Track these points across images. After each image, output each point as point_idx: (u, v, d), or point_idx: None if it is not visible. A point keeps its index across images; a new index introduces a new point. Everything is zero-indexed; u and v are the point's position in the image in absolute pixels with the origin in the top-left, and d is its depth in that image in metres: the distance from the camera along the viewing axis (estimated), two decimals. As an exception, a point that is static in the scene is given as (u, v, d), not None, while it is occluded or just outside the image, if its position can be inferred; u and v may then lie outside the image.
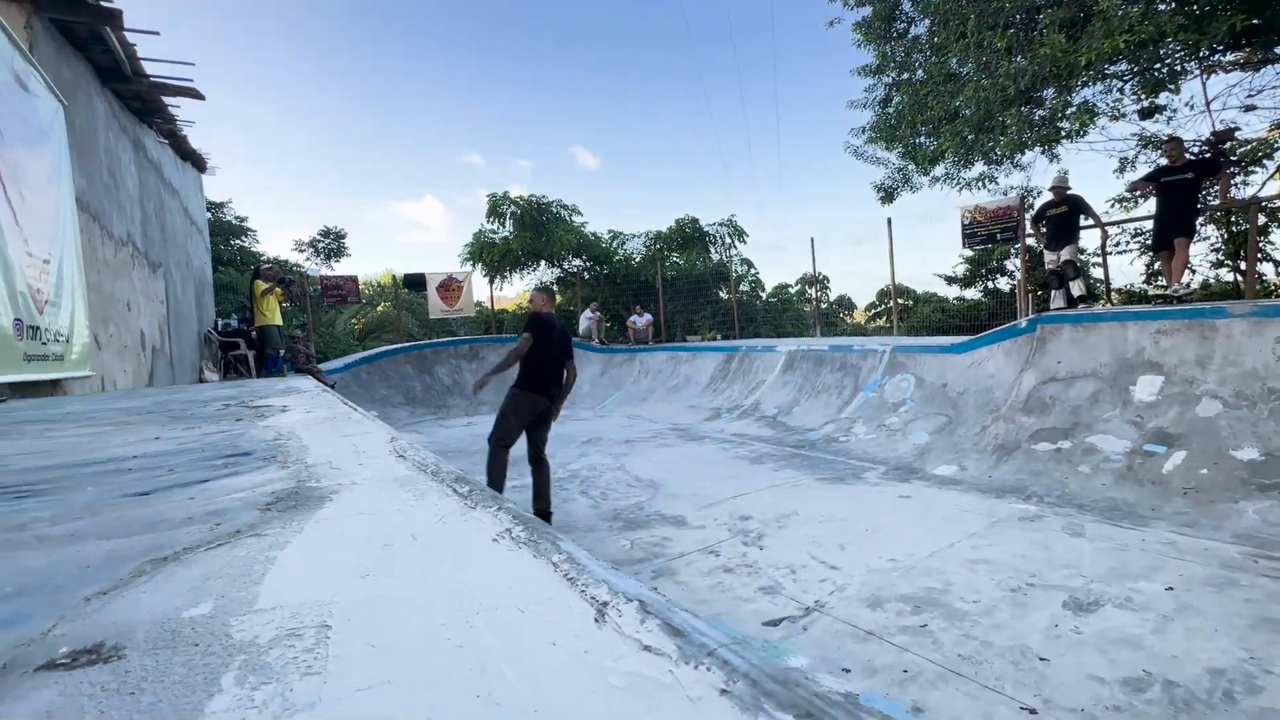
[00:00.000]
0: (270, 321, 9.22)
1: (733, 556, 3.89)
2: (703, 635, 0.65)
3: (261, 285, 8.98)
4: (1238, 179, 9.29)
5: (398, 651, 0.67)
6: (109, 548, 1.08)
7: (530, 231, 15.41)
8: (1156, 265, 11.87)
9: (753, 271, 17.26)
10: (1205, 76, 8.36)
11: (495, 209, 15.66)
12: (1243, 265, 11.08)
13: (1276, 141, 10.12)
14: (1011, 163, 8.66)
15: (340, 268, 21.61)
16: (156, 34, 4.23)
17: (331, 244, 21.38)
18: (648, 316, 14.08)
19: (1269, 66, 8.57)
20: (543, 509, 4.55)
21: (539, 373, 4.57)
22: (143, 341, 5.42)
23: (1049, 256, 7.12)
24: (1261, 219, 11.65)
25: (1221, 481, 4.35)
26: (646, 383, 12.42)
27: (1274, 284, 12.38)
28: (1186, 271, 10.25)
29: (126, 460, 1.79)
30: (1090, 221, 7.01)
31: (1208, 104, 8.89)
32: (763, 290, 18.15)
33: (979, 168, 7.95)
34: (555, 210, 15.77)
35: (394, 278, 15.36)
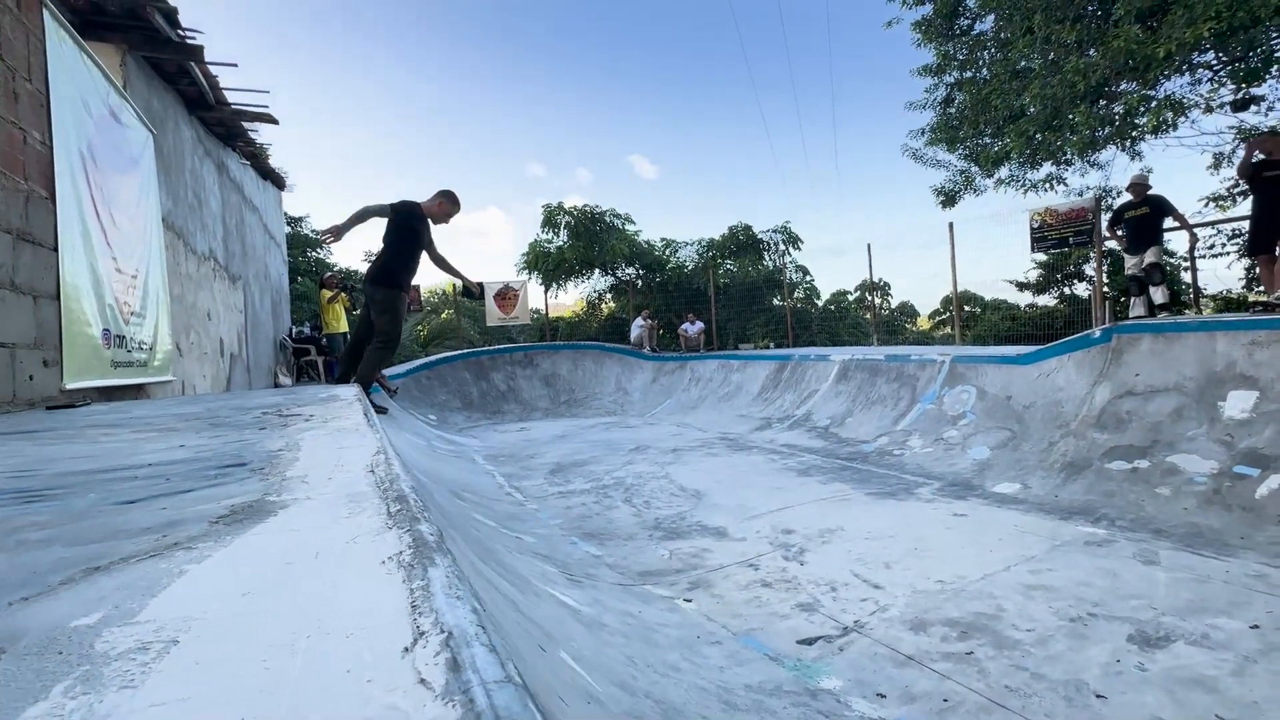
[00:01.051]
0: (337, 329, 9.78)
1: (772, 571, 3.81)
2: (471, 673, 0.63)
3: (326, 293, 9.55)
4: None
5: (216, 669, 0.68)
6: (65, 555, 1.11)
7: (584, 241, 15.68)
8: (1256, 270, 10.86)
9: (808, 279, 16.91)
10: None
11: (550, 219, 16.04)
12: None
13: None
14: (1086, 161, 8.14)
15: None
16: (235, 65, 4.61)
17: (398, 255, 22.42)
18: (700, 324, 14.02)
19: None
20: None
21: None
22: (221, 348, 5.86)
23: (1129, 261, 6.65)
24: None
25: (1326, 509, 3.93)
26: (697, 391, 12.37)
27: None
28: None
29: (141, 468, 1.90)
30: (1175, 224, 6.51)
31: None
32: (818, 298, 17.76)
33: (1046, 168, 7.50)
34: (608, 219, 15.99)
35: (454, 287, 15.95)
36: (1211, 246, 11.60)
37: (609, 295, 18.19)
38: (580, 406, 13.23)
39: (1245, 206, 9.26)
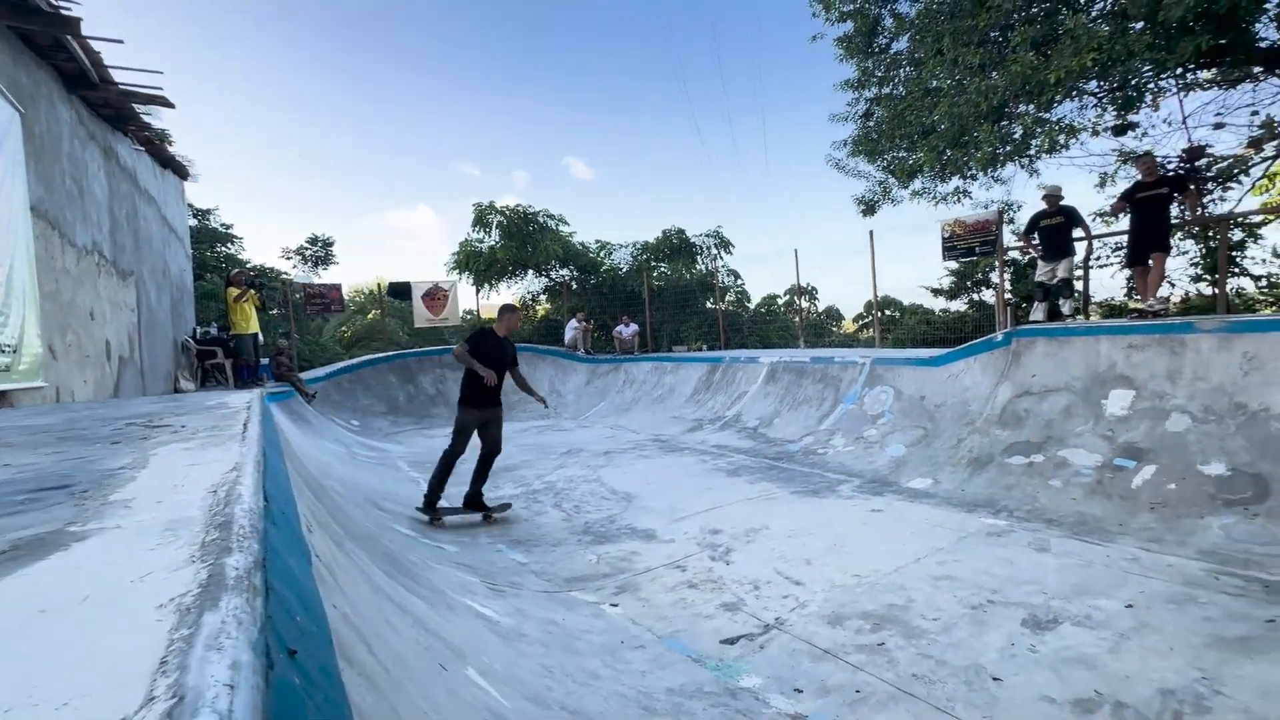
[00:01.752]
0: (246, 330, 9.12)
1: (699, 572, 3.85)
2: None
3: (233, 291, 8.89)
4: (1214, 195, 9.41)
5: None
6: None
7: (516, 241, 15.40)
8: (1134, 280, 12.00)
9: (739, 282, 17.31)
10: (1182, 94, 8.50)
11: (481, 218, 15.66)
12: (1218, 279, 11.22)
13: (1251, 158, 10.28)
14: (990, 176, 8.73)
15: (328, 276, 21.49)
16: (120, 42, 4.20)
17: (319, 251, 21.27)
18: (634, 326, 14.06)
19: (1242, 84, 8.72)
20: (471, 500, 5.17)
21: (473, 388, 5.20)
22: (108, 351, 5.33)
23: (1043, 267, 7.09)
24: (1239, 234, 11.82)
25: (1189, 497, 4.36)
26: (631, 393, 12.39)
27: (1253, 298, 12.54)
28: (1164, 286, 10.34)
29: None
30: (1081, 233, 7.00)
31: (1184, 121, 9.02)
32: (749, 301, 18.20)
33: (955, 182, 8.01)
34: (542, 220, 15.78)
35: (380, 286, 15.30)
36: (1098, 258, 12.65)
37: (543, 297, 17.95)
38: (512, 409, 12.94)
39: (1126, 222, 10.16)
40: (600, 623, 3.11)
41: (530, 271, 16.72)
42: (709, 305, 16.06)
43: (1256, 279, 13.29)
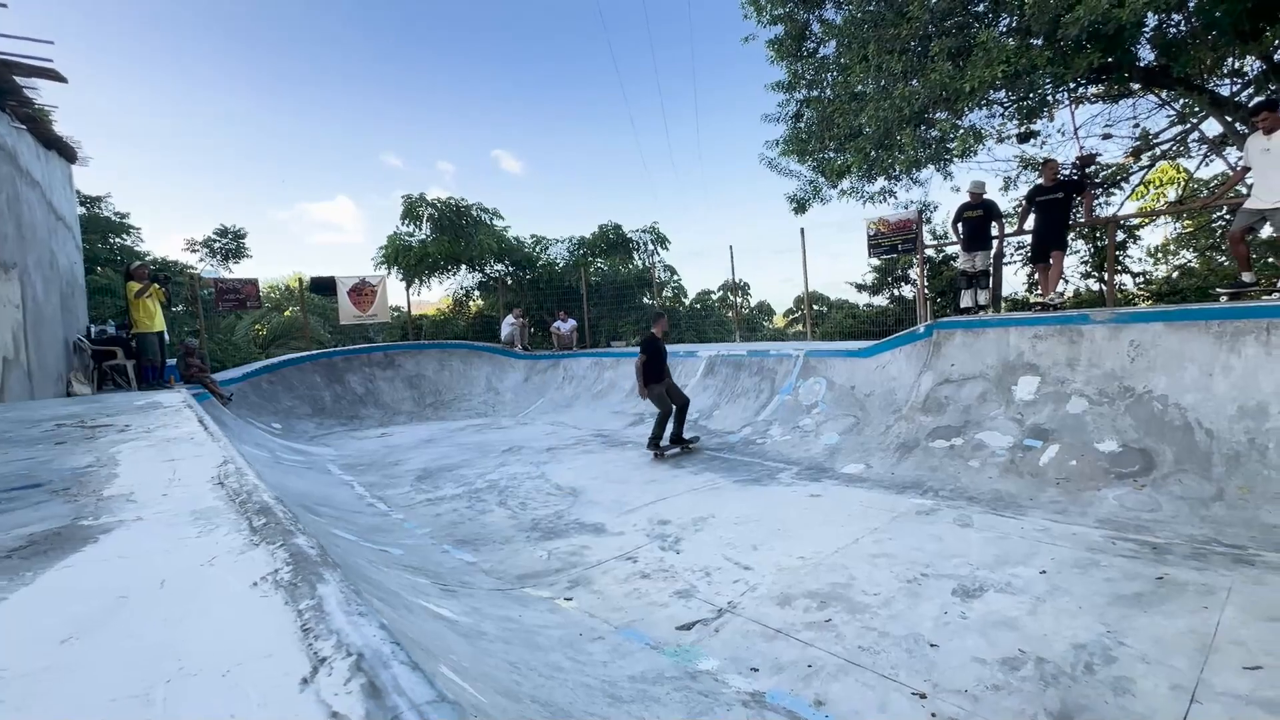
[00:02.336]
0: (150, 328, 8.41)
1: (650, 562, 3.90)
2: (396, 697, 0.61)
3: (134, 286, 8.17)
4: (1101, 199, 10.38)
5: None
6: None
7: (449, 235, 14.93)
8: (1036, 275, 13.07)
9: (675, 278, 17.53)
10: (1073, 106, 9.33)
11: (411, 211, 15.07)
12: (1106, 276, 12.40)
13: (1131, 167, 11.42)
14: (910, 178, 9.25)
15: (240, 270, 20.09)
16: (3, 5, 3.73)
17: (230, 244, 19.83)
18: (572, 322, 13.97)
19: (1124, 100, 9.67)
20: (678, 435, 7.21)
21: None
22: (-10, 351, 4.79)
23: (964, 257, 7.59)
24: (1121, 235, 13.11)
25: (1087, 472, 4.82)
26: (571, 389, 12.31)
27: (1133, 294, 13.96)
28: (1061, 281, 11.25)
29: None
30: (997, 230, 7.53)
31: (1075, 131, 9.92)
32: (685, 296, 18.47)
33: (880, 182, 8.45)
34: (475, 213, 15.37)
35: (301, 281, 14.45)
36: (1006, 256, 13.66)
37: (476, 293, 17.51)
38: (448, 408, 12.60)
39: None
40: (557, 617, 3.10)
41: (463, 266, 16.27)
42: (646, 300, 16.19)
43: (1134, 275, 14.83)
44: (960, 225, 7.41)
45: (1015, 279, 15.44)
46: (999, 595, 3.11)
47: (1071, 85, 7.57)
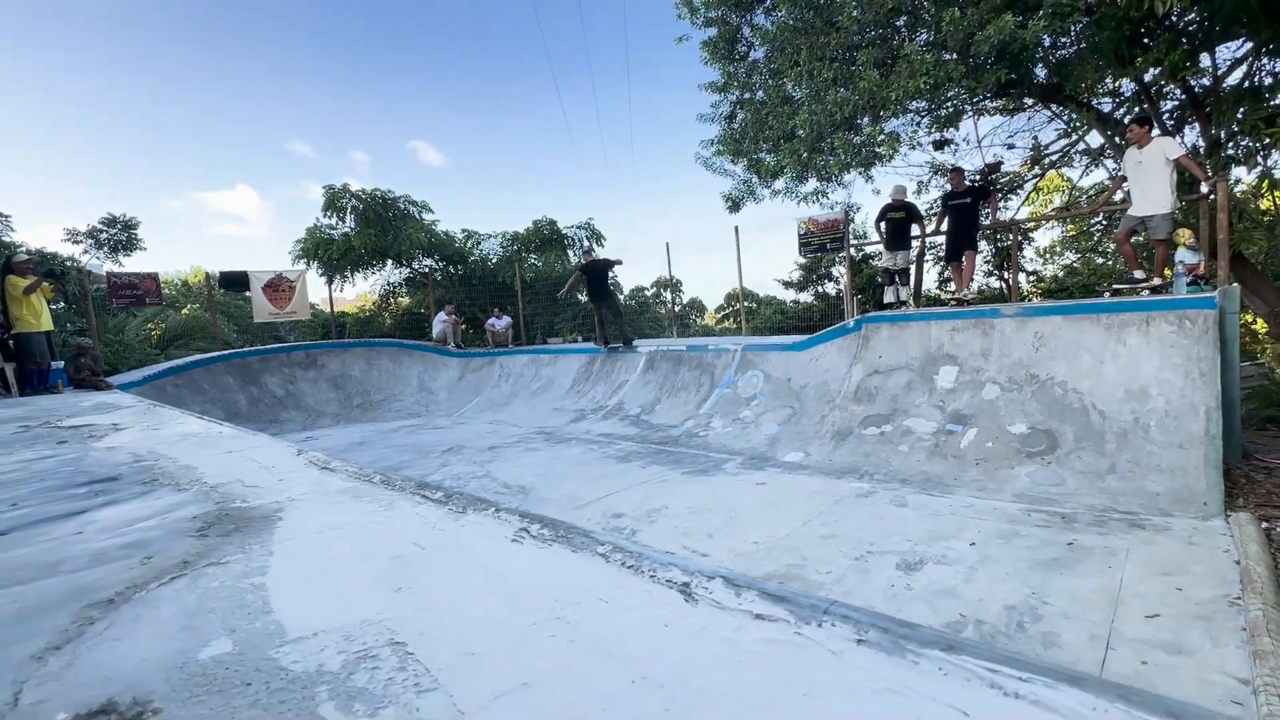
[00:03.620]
0: (36, 328, 7.57)
1: (609, 555, 3.94)
2: (808, 599, 0.67)
3: (20, 282, 7.33)
4: (1003, 204, 11.34)
5: (505, 655, 0.61)
6: (12, 598, 0.91)
7: (375, 228, 14.27)
8: (947, 273, 14.08)
9: (612, 274, 17.54)
10: (976, 118, 10.14)
11: (333, 202, 14.28)
12: (1007, 275, 13.54)
13: (1025, 175, 12.52)
14: (837, 181, 9.73)
15: (132, 263, 18.31)
16: None
17: (119, 235, 17.99)
18: (507, 319, 13.72)
19: (1020, 114, 10.60)
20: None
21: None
22: None
23: (886, 256, 8.07)
24: (1018, 238, 14.36)
25: (1002, 452, 5.28)
26: (508, 387, 12.11)
27: (1025, 290, 15.34)
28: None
29: None
30: (918, 231, 8.06)
31: (979, 141, 10.74)
32: (621, 292, 18.54)
33: (813, 183, 8.86)
34: (403, 206, 14.76)
35: (207, 276, 13.38)
36: (924, 254, 14.58)
37: (404, 289, 16.83)
38: (378, 409, 12.07)
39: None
40: (524, 613, 3.08)
41: (389, 261, 15.59)
42: (581, 297, 16.14)
43: (1028, 274, 16.31)
44: (883, 225, 7.89)
45: (928, 277, 16.56)
46: (937, 567, 3.38)
47: (979, 98, 8.21)
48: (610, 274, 11.31)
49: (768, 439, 6.88)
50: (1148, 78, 8.19)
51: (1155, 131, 6.03)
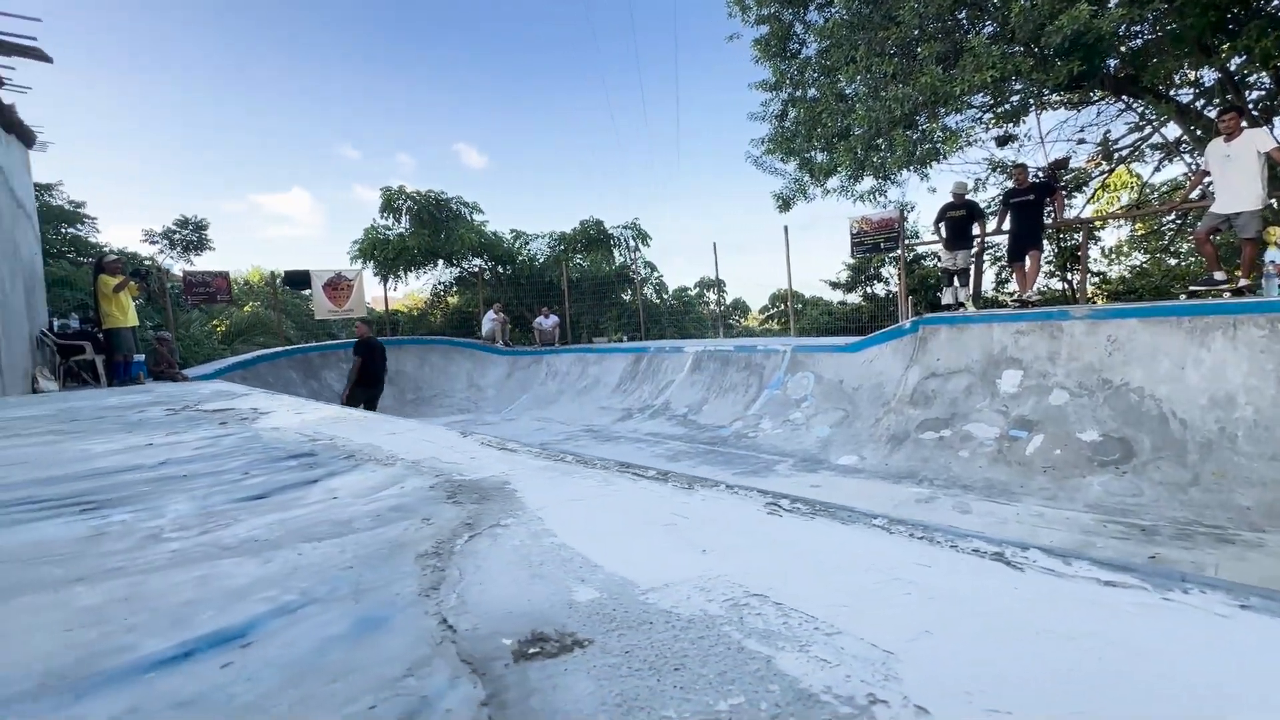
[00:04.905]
0: (123, 323, 8.08)
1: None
2: (1147, 568, 0.68)
3: (110, 281, 7.84)
4: (1067, 202, 10.85)
5: (873, 607, 0.71)
6: (339, 547, 0.97)
7: (428, 229, 14.68)
8: (1004, 274, 13.56)
9: (656, 274, 17.59)
10: (1040, 112, 9.70)
11: (390, 203, 14.76)
12: (1070, 276, 12.95)
13: (1092, 172, 11.94)
14: (893, 180, 9.50)
15: (202, 263, 19.40)
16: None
17: (191, 236, 19.12)
18: (554, 318, 13.91)
19: (1090, 107, 10.11)
20: None
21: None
22: (-36, 345, 4.55)
23: (945, 256, 7.82)
24: (1079, 236, 13.70)
25: (1072, 460, 5.06)
26: (555, 385, 12.27)
27: (1091, 292, 14.60)
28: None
29: (155, 466, 1.57)
30: (979, 230, 7.77)
31: (1042, 137, 10.30)
32: (665, 293, 18.57)
33: (869, 181, 8.66)
34: (455, 207, 15.14)
35: (274, 275, 14.03)
36: (983, 254, 14.13)
37: (453, 288, 17.26)
38: (429, 405, 12.42)
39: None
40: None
41: (441, 261, 16.02)
42: (626, 297, 16.21)
43: (1092, 275, 15.51)
44: (943, 225, 7.64)
45: (985, 278, 15.98)
46: (1007, 577, 3.26)
47: (1046, 92, 7.88)
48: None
49: (820, 441, 6.76)
50: (1232, 66, 7.69)
51: (1245, 123, 5.65)
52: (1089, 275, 15.34)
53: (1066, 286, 12.87)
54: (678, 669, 0.63)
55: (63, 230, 16.08)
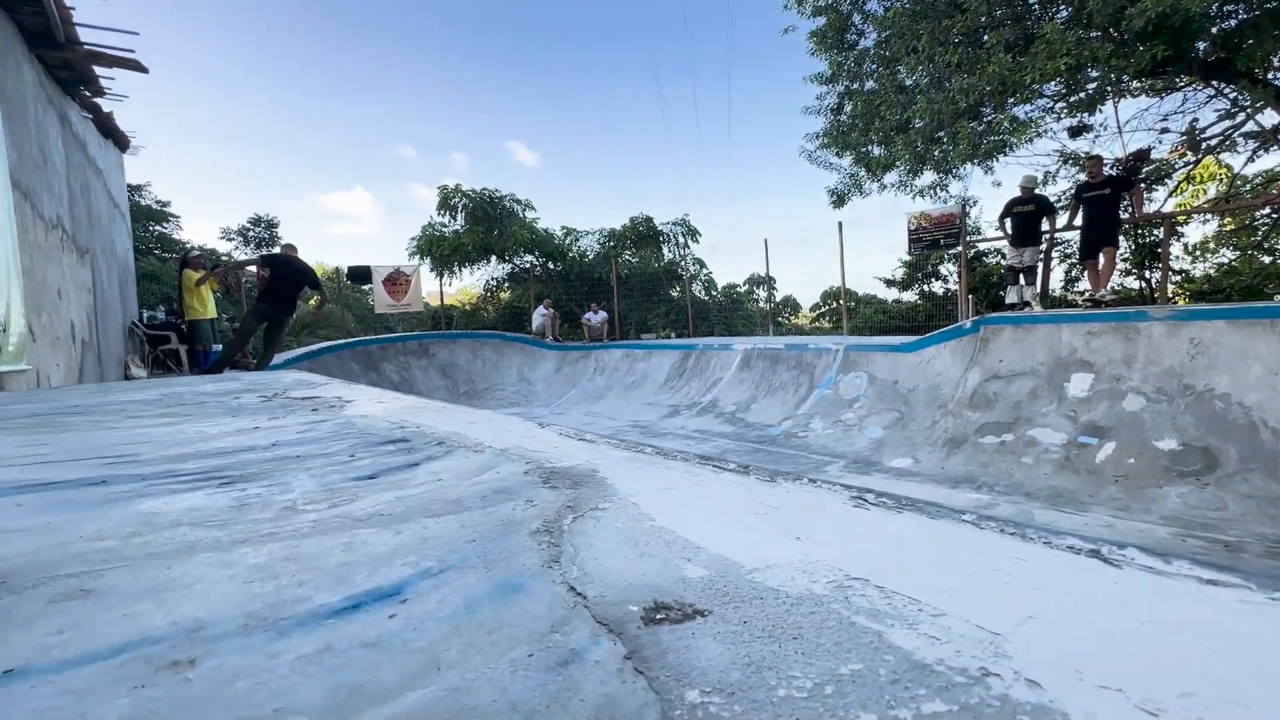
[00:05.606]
0: (203, 315, 8.63)
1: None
2: (1250, 570, 0.70)
3: (193, 275, 8.40)
4: (1147, 197, 10.22)
5: (977, 592, 0.75)
6: (458, 523, 1.06)
7: (483, 226, 15.07)
8: (1074, 272, 12.90)
9: (705, 271, 17.54)
10: (1118, 100, 9.15)
11: (446, 201, 15.22)
12: (1148, 274, 12.22)
13: (1176, 163, 11.21)
14: (955, 174, 9.18)
15: (272, 258, 20.43)
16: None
17: (264, 233, 20.21)
18: (603, 314, 14.06)
19: (1175, 94, 9.49)
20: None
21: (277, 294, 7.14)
22: (73, 332, 4.97)
23: (1012, 253, 7.51)
24: (1159, 232, 12.88)
25: (1147, 470, 4.80)
26: (603, 380, 12.41)
27: (1172, 292, 13.71)
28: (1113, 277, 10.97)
29: (269, 447, 1.75)
30: (1048, 225, 7.41)
31: (1119, 126, 9.73)
32: (715, 289, 18.48)
33: (930, 176, 8.40)
34: (508, 204, 15.49)
35: (337, 270, 14.69)
36: (1051, 250, 13.48)
37: (505, 284, 17.67)
38: (481, 397, 12.77)
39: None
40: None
41: (494, 257, 16.42)
42: (674, 294, 16.22)
43: (1173, 273, 14.55)
44: (1010, 221, 7.33)
45: (1053, 277, 15.24)
46: (1078, 586, 3.14)
47: (1125, 79, 7.46)
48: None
49: (872, 443, 6.63)
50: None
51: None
52: (1170, 274, 14.43)
53: (1144, 285, 12.15)
54: (795, 638, 0.66)
55: (151, 228, 17.28)
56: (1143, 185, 8.83)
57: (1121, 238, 12.72)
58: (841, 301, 12.49)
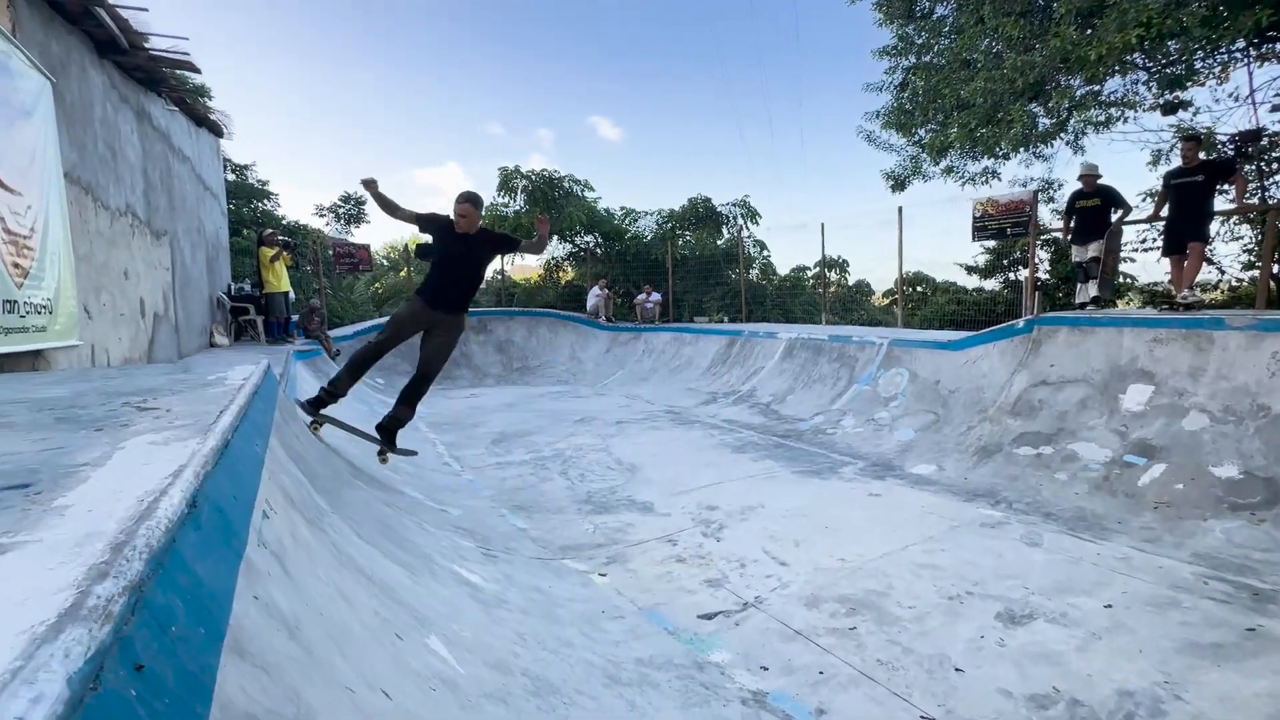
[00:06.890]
0: (277, 288, 9.44)
1: (688, 547, 3.97)
2: None
3: (268, 252, 9.20)
4: (1268, 180, 8.82)
5: None
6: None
7: (542, 206, 15.39)
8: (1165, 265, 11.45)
9: (765, 254, 17.05)
10: (1255, 66, 7.80)
11: (506, 182, 15.65)
12: (1275, 269, 10.65)
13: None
14: (1031, 153, 8.37)
15: (360, 234, 21.83)
16: (145, 10, 4.31)
17: (352, 210, 21.59)
18: (656, 296, 14.05)
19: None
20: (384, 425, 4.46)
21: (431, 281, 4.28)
22: (142, 308, 5.62)
23: (1076, 250, 6.81)
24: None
25: (1195, 498, 4.29)
26: (649, 363, 12.47)
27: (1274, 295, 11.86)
28: (1214, 272, 9.77)
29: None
30: (1120, 214, 6.61)
31: (1251, 95, 8.29)
32: (775, 273, 17.94)
33: (984, 162, 7.69)
34: (567, 185, 15.69)
35: (406, 247, 15.54)
36: (1144, 240, 12.09)
37: (567, 263, 18.00)
38: (533, 374, 13.20)
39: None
40: (586, 591, 3.26)
41: (554, 237, 16.73)
42: (733, 276, 15.91)
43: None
44: (1074, 218, 6.61)
45: (1158, 267, 13.60)
46: (1048, 625, 2.90)
47: (1240, 46, 6.45)
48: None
49: (899, 445, 6.31)
50: None
51: None
52: (1271, 277, 12.44)
53: (1244, 286, 10.60)
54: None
55: (253, 204, 18.92)
56: (1245, 171, 7.64)
57: (1246, 226, 11.13)
58: (898, 291, 11.79)
